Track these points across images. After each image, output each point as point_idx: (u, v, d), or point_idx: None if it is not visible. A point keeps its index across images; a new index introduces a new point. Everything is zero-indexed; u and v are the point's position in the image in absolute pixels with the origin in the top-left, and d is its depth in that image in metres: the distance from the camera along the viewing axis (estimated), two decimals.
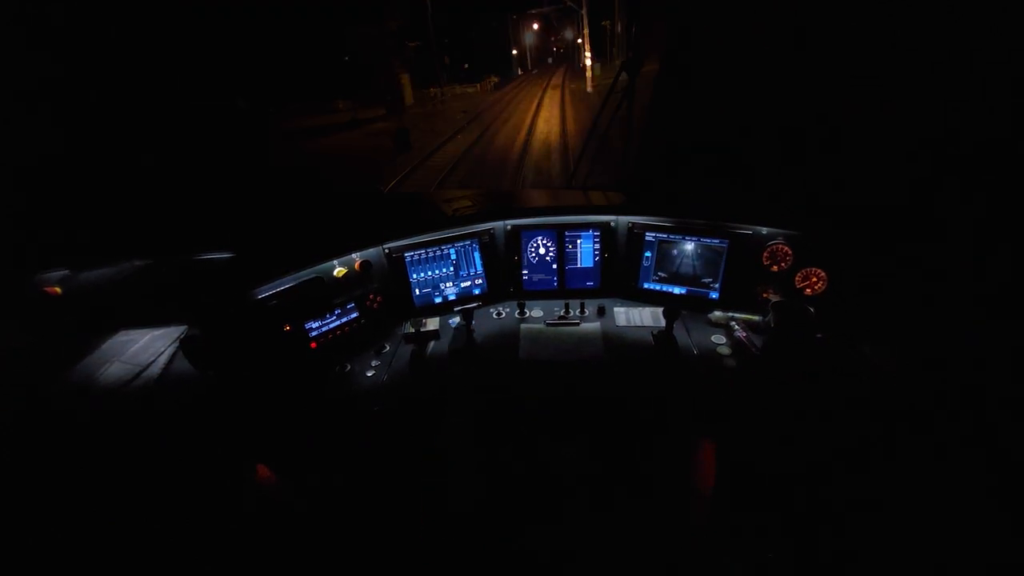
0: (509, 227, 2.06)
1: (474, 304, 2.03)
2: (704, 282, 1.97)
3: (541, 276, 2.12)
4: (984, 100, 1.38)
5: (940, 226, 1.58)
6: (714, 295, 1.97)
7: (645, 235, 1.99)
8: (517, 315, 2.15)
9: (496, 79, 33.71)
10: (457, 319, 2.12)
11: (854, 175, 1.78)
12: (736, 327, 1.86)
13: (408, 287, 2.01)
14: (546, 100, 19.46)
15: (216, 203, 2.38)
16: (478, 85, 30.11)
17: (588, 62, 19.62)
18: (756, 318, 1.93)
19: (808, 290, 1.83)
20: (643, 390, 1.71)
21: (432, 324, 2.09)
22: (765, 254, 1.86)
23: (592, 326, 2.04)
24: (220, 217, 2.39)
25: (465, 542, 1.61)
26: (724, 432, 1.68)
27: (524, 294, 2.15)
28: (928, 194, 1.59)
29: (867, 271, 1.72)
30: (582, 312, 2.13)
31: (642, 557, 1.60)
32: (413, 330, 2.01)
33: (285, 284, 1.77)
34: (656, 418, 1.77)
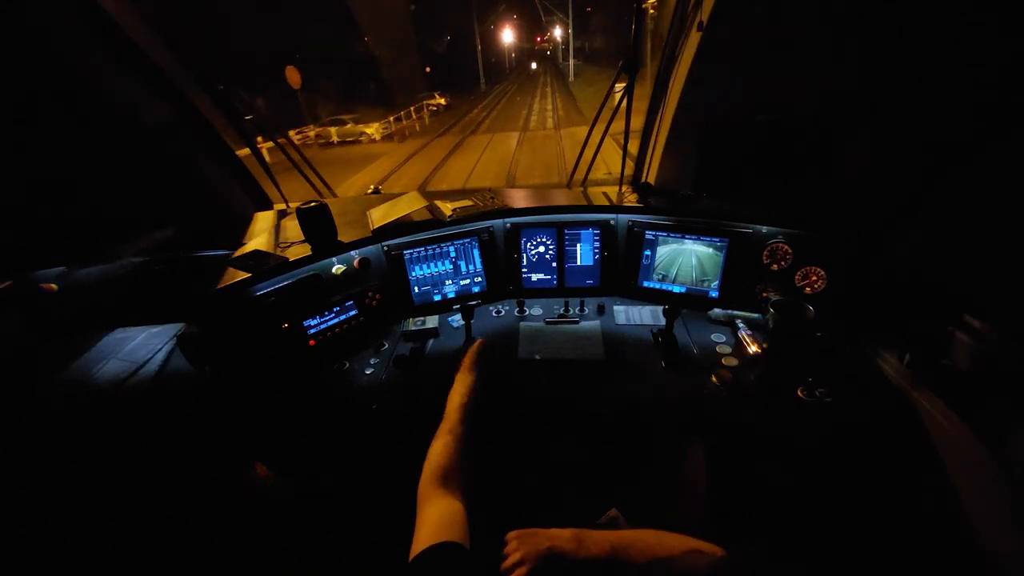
0: (508, 225, 2.05)
1: (474, 302, 2.02)
2: (704, 280, 1.97)
3: (540, 275, 2.12)
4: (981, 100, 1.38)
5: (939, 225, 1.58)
6: (714, 294, 1.97)
7: (645, 233, 1.99)
8: (516, 313, 2.15)
9: (442, 100, 21.08)
10: (457, 317, 2.12)
11: (864, 171, 1.78)
12: (740, 325, 1.86)
13: (407, 285, 2.01)
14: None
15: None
16: (376, 125, 16.08)
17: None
18: (756, 316, 1.93)
19: (808, 289, 1.83)
20: (643, 389, 1.71)
21: (431, 322, 2.08)
22: (765, 253, 1.86)
23: (592, 324, 2.04)
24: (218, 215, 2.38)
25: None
26: (724, 432, 1.67)
27: (523, 292, 2.15)
28: (928, 194, 1.59)
29: (867, 270, 1.72)
30: (582, 310, 2.13)
31: None
32: (412, 328, 2.01)
33: (283, 281, 1.76)
34: (656, 417, 1.77)
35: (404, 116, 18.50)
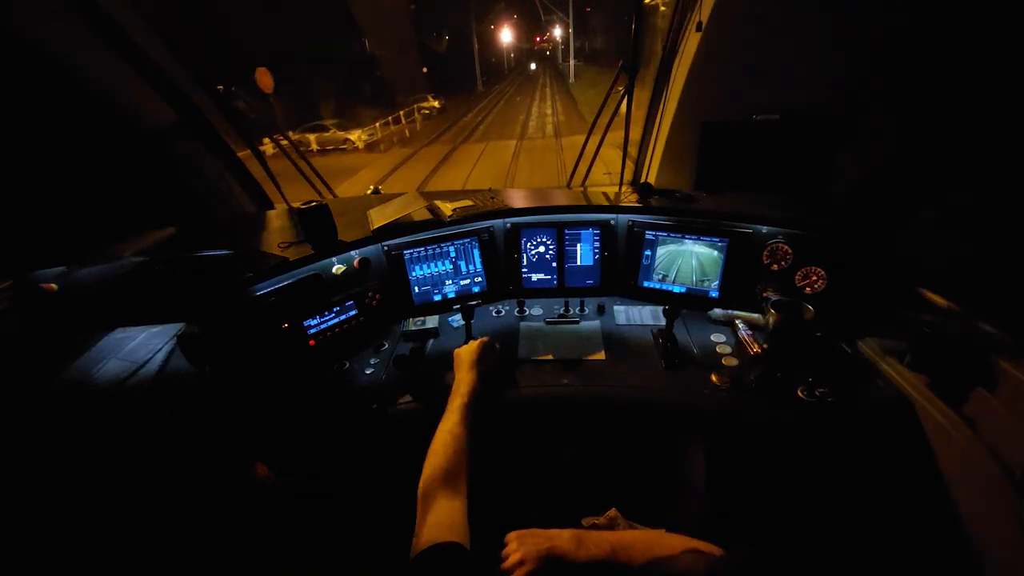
0: (509, 225, 2.05)
1: (474, 302, 2.02)
2: (704, 280, 1.97)
3: (541, 274, 2.12)
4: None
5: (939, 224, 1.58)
6: (714, 294, 1.97)
7: (645, 233, 1.99)
8: (516, 313, 2.15)
9: (435, 103, 19.92)
10: (457, 317, 2.12)
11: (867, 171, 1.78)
12: (741, 325, 1.86)
13: (407, 285, 2.01)
14: None
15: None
16: (358, 132, 14.98)
17: None
18: (756, 316, 1.93)
19: (808, 289, 1.83)
20: (643, 389, 1.71)
21: (431, 322, 2.08)
22: (765, 253, 1.86)
23: (592, 324, 2.04)
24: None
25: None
26: (724, 432, 1.68)
27: (523, 292, 2.15)
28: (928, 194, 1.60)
29: (867, 270, 1.72)
30: (582, 310, 2.13)
31: None
32: (412, 328, 2.01)
33: (283, 281, 1.76)
34: (656, 417, 1.77)
35: (392, 121, 16.81)
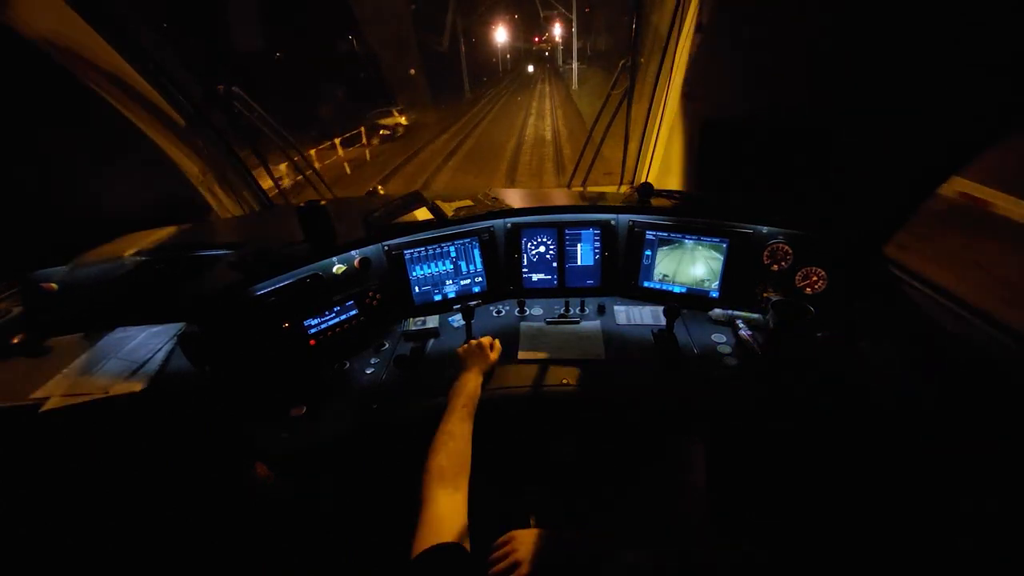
0: (509, 225, 2.05)
1: (474, 302, 2.02)
2: (704, 280, 1.97)
3: (541, 274, 2.12)
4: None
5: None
6: (714, 294, 1.97)
7: (645, 234, 1.99)
8: (517, 313, 2.15)
9: (401, 119, 15.33)
10: (457, 317, 2.12)
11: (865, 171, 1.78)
12: (741, 325, 1.86)
13: (408, 285, 2.01)
14: None
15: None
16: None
17: None
18: (756, 316, 1.93)
19: (808, 289, 1.83)
20: (643, 389, 1.71)
21: (432, 322, 2.08)
22: (765, 253, 1.86)
23: (592, 324, 2.04)
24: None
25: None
26: (724, 431, 1.67)
27: (524, 292, 2.15)
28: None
29: (867, 269, 1.72)
30: (582, 310, 2.13)
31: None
32: (413, 328, 2.00)
33: (284, 281, 1.76)
34: (656, 417, 1.77)
35: (317, 156, 11.34)
